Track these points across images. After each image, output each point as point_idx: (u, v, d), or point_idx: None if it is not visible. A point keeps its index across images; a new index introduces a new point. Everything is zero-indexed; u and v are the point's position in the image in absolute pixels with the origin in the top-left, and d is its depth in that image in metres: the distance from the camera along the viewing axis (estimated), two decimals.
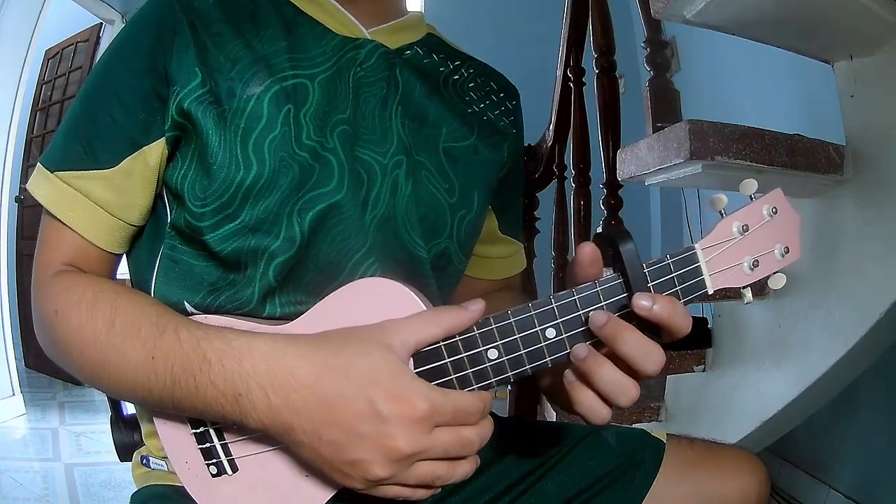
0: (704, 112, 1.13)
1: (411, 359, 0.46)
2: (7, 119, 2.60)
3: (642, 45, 1.44)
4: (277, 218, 0.52)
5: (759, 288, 1.11)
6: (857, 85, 1.01)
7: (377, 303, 0.48)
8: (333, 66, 0.56)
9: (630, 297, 0.44)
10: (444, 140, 0.61)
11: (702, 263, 0.45)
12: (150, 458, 0.59)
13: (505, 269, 0.75)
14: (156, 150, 0.53)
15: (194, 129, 0.52)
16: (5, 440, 2.35)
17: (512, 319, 0.46)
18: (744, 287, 0.47)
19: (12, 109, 2.61)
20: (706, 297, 0.45)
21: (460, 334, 0.46)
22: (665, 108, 1.37)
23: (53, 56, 3.63)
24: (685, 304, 0.45)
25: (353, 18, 0.59)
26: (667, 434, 0.64)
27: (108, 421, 0.66)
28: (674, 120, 1.26)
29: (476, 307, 0.46)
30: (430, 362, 0.46)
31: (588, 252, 0.46)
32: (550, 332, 0.45)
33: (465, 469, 0.46)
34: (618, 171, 1.19)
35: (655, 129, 1.29)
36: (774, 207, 0.46)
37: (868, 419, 1.47)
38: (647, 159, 1.03)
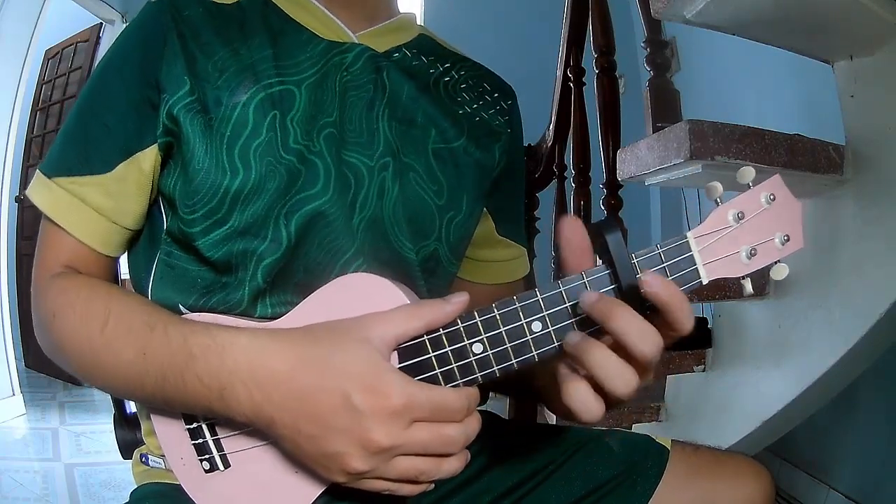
0: (704, 112, 1.13)
1: (396, 353, 0.46)
2: (7, 119, 2.61)
3: (642, 45, 1.44)
4: (265, 221, 0.53)
5: (760, 288, 1.11)
6: (857, 85, 1.01)
7: (362, 298, 0.48)
8: (319, 70, 0.57)
9: (618, 288, 0.43)
10: (433, 141, 0.61)
11: (695, 252, 0.44)
12: (150, 456, 0.60)
13: (505, 273, 0.73)
14: (149, 156, 0.54)
15: (181, 136, 0.53)
16: (5, 440, 2.35)
17: (496, 312, 0.45)
18: (743, 278, 0.45)
19: (12, 109, 2.61)
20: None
21: (444, 328, 0.45)
22: (665, 108, 1.37)
23: (53, 56, 3.63)
24: None
25: (340, 23, 0.60)
26: (671, 440, 0.63)
27: (108, 421, 0.66)
28: (674, 120, 1.26)
29: (459, 300, 0.45)
30: (414, 357, 0.46)
31: (568, 227, 0.44)
32: (536, 326, 0.44)
33: (452, 466, 0.45)
34: (618, 171, 1.19)
35: (655, 129, 1.29)
36: (772, 194, 0.44)
37: (868, 419, 1.47)
38: (647, 159, 1.03)
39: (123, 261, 0.63)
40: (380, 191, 0.57)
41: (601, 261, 0.44)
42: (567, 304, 0.44)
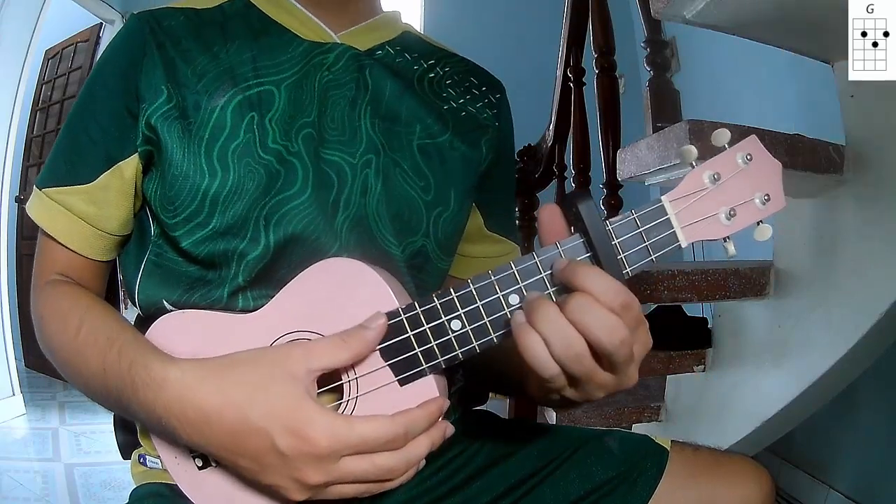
0: (704, 112, 1.13)
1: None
2: (7, 119, 2.61)
3: (642, 45, 1.44)
4: (246, 222, 0.54)
5: (760, 288, 1.11)
6: (857, 85, 1.01)
7: (341, 283, 0.48)
8: (300, 71, 0.58)
9: (594, 256, 0.42)
10: (419, 137, 0.61)
11: (671, 215, 0.43)
12: (147, 456, 0.60)
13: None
14: (131, 165, 0.56)
15: (160, 143, 0.54)
16: (5, 440, 2.35)
17: (472, 287, 0.44)
18: (725, 240, 0.44)
19: (12, 109, 2.62)
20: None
21: (420, 306, 0.45)
22: (665, 108, 1.37)
23: (53, 56, 3.63)
24: (657, 259, 0.43)
25: (321, 24, 0.61)
26: (671, 441, 0.63)
27: (108, 421, 0.67)
28: (674, 120, 1.26)
29: (377, 322, 0.45)
30: (394, 337, 0.46)
31: (546, 212, 0.44)
32: (513, 299, 0.43)
33: (393, 485, 0.46)
34: (618, 171, 1.19)
35: (655, 129, 1.29)
36: (749, 154, 0.43)
37: (868, 419, 1.47)
38: (647, 159, 1.03)
39: None
40: (363, 188, 0.57)
41: (576, 230, 0.44)
42: (543, 275, 0.43)
